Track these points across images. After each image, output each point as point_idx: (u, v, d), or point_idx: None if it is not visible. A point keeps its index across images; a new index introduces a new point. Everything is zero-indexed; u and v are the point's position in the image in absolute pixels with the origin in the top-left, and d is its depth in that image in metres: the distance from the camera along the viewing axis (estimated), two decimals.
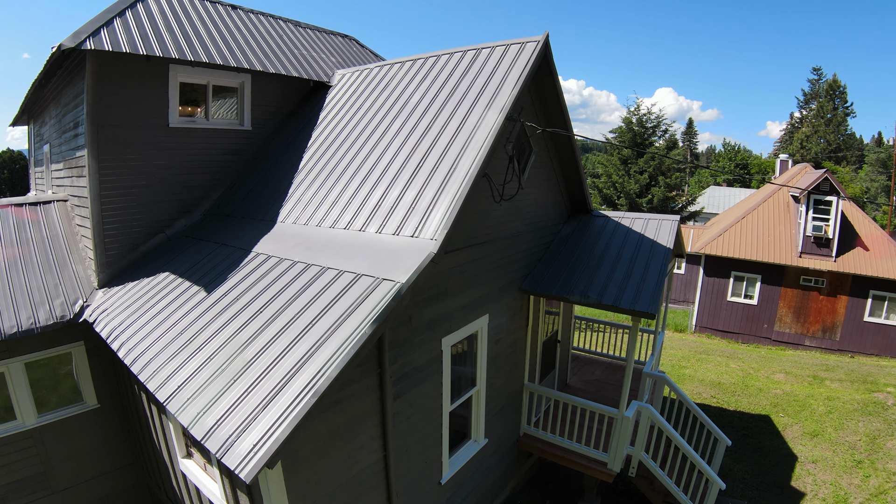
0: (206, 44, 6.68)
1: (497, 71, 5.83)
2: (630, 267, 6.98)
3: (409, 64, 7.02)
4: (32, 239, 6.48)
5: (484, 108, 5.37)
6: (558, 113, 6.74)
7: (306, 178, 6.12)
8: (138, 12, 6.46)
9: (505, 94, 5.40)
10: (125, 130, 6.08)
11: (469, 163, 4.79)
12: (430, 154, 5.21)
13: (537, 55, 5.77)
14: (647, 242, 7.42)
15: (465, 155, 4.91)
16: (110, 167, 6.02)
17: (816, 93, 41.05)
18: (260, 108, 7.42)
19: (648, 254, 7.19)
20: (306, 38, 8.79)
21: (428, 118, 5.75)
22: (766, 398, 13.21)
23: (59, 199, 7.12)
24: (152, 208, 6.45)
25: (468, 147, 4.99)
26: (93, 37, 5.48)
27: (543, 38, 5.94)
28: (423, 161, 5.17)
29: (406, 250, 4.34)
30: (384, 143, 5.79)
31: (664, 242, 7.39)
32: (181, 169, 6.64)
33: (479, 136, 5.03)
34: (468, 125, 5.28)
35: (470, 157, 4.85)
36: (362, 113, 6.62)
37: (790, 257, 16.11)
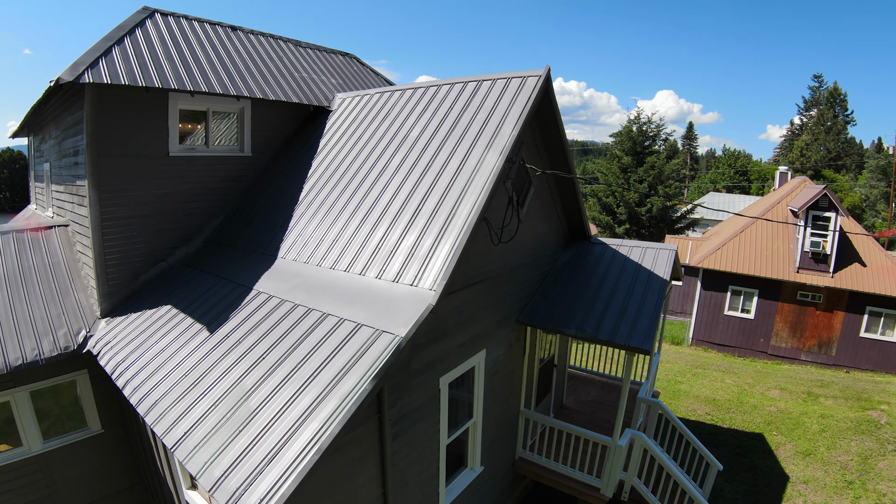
0: (206, 71, 6.73)
1: (497, 107, 5.89)
2: (626, 299, 7.07)
3: (410, 93, 7.08)
4: (35, 266, 6.57)
5: (484, 149, 5.44)
6: (559, 147, 6.80)
7: (306, 211, 6.20)
8: (137, 39, 6.46)
9: (505, 134, 5.47)
10: (125, 160, 6.13)
11: (469, 208, 4.87)
12: (430, 195, 5.28)
13: (538, 91, 5.83)
14: (644, 273, 7.51)
15: (465, 200, 4.98)
16: (111, 198, 6.08)
17: (817, 100, 41.00)
18: (260, 134, 7.47)
19: (645, 285, 7.28)
20: (306, 58, 8.84)
21: (428, 155, 5.82)
22: (761, 415, 13.34)
23: (60, 224, 7.19)
24: (154, 237, 6.53)
25: (468, 191, 5.07)
26: (91, 69, 5.49)
27: (544, 74, 5.99)
28: (423, 203, 5.25)
29: (405, 300, 4.43)
30: (384, 179, 5.87)
31: (661, 273, 7.48)
32: (182, 197, 6.72)
33: (479, 180, 5.11)
34: (468, 166, 5.36)
35: (469, 202, 4.93)
36: (362, 143, 6.69)
37: (788, 273, 16.21)
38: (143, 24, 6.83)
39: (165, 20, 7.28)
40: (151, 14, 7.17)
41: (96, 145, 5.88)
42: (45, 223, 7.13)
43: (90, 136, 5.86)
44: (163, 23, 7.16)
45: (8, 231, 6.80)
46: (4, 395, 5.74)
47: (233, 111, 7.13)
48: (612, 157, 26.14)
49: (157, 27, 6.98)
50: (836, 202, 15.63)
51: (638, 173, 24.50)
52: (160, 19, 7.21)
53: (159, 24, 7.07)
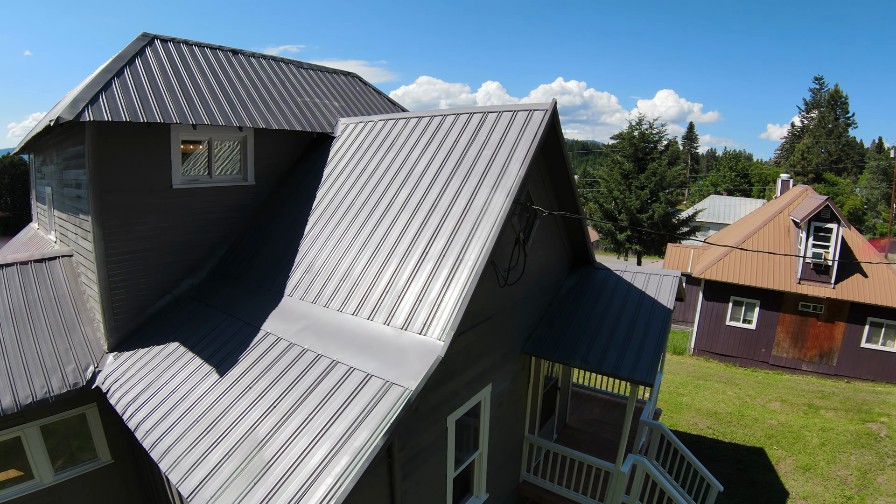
0: (208, 101, 6.69)
1: (504, 143, 5.90)
2: (630, 328, 7.13)
3: (414, 122, 7.08)
4: (41, 299, 6.60)
5: (491, 189, 5.46)
6: (564, 180, 6.83)
7: (312, 246, 6.22)
8: (137, 70, 6.39)
9: (512, 173, 5.49)
10: (128, 195, 6.13)
11: (476, 254, 4.90)
12: (437, 237, 5.31)
13: (545, 127, 5.84)
14: (648, 302, 7.55)
15: (473, 244, 5.02)
16: (115, 233, 6.08)
17: (818, 102, 40.89)
18: (263, 161, 7.46)
19: (649, 314, 7.33)
20: (309, 81, 8.82)
21: (435, 191, 5.85)
22: (762, 429, 13.43)
23: (63, 255, 7.22)
24: (159, 270, 6.56)
25: (476, 235, 5.10)
26: (91, 105, 5.43)
27: (550, 108, 6.00)
28: (430, 244, 5.27)
29: (414, 349, 4.48)
30: (391, 216, 5.89)
31: (665, 301, 7.53)
32: (186, 229, 6.73)
33: (486, 223, 5.13)
34: (475, 207, 5.38)
35: (477, 247, 4.96)
36: (367, 175, 6.70)
37: (789, 284, 16.26)
38: (142, 53, 6.76)
39: (165, 47, 7.21)
40: (151, 41, 7.10)
41: (99, 181, 5.89)
42: (48, 253, 7.16)
43: (92, 173, 5.86)
44: (163, 50, 7.10)
45: (12, 263, 6.82)
46: (15, 430, 5.80)
47: (235, 139, 7.15)
48: (614, 162, 26.11)
49: (156, 55, 6.93)
50: (837, 213, 15.66)
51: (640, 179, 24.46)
52: (160, 46, 7.14)
53: (159, 52, 7.02)
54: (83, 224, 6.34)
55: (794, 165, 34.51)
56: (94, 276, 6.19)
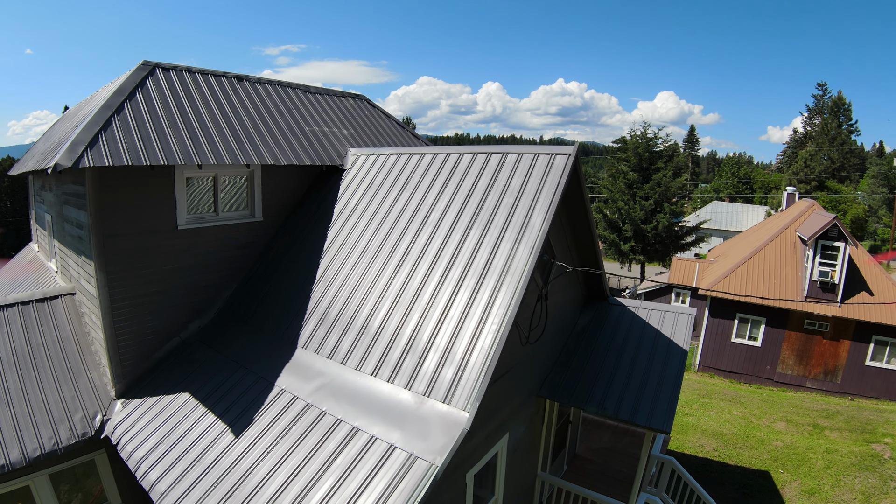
0: (213, 137, 6.39)
1: (525, 192, 5.75)
2: (646, 371, 7.04)
3: (429, 159, 6.90)
4: (44, 342, 6.42)
5: (514, 243, 5.31)
6: (583, 222, 6.69)
7: (325, 293, 6.04)
8: (138, 105, 6.08)
9: (535, 226, 5.34)
10: (133, 239, 5.92)
11: (500, 318, 4.76)
12: (459, 292, 5.17)
13: (567, 175, 5.70)
14: (664, 342, 7.45)
15: (497, 305, 4.87)
16: (120, 278, 5.87)
17: (821, 109, 40.75)
18: (271, 196, 7.23)
19: (665, 356, 7.24)
20: (316, 107, 8.59)
21: (455, 240, 5.69)
22: (767, 451, 13.41)
23: (65, 293, 7.02)
24: (166, 314, 6.37)
25: (500, 295, 4.95)
26: (90, 148, 5.16)
27: (573, 152, 5.85)
28: (451, 303, 5.13)
29: (438, 421, 4.34)
30: (409, 264, 5.73)
31: (680, 342, 7.44)
32: (193, 270, 6.51)
33: (510, 283, 4.99)
34: (498, 262, 5.23)
35: (501, 310, 4.82)
36: (382, 216, 6.51)
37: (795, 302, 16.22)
38: (143, 85, 6.44)
39: (167, 76, 6.89)
40: (152, 70, 6.78)
41: (101, 225, 5.67)
42: (50, 292, 6.97)
43: (94, 217, 5.64)
44: (164, 80, 6.78)
45: (13, 304, 6.63)
46: (24, 480, 5.66)
47: (242, 175, 6.96)
48: (618, 172, 25.94)
49: (158, 86, 6.62)
50: (845, 232, 15.59)
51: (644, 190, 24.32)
52: (161, 76, 6.82)
53: (161, 83, 6.70)
54: (86, 267, 6.16)
55: (797, 173, 34.45)
56: (98, 321, 6.02)
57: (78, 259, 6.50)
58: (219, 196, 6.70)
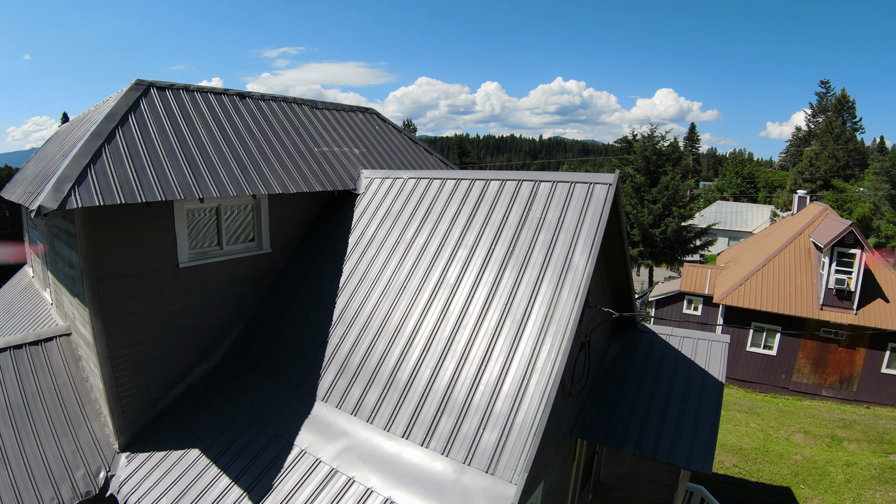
0: (216, 166, 5.81)
1: (563, 227, 5.26)
2: (683, 407, 6.66)
3: (452, 185, 6.40)
4: (40, 392, 5.89)
5: (555, 287, 4.83)
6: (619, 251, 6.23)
7: (346, 335, 5.53)
8: (131, 131, 5.48)
9: (578, 269, 4.86)
10: (130, 281, 5.38)
11: (546, 378, 4.29)
12: (496, 346, 4.68)
13: (609, 207, 5.24)
14: (698, 374, 7.05)
15: (540, 364, 4.39)
16: (118, 325, 5.35)
17: (824, 106, 40.47)
18: (279, 226, 6.69)
19: (700, 389, 6.87)
20: (325, 125, 8.01)
21: (487, 283, 5.19)
22: (787, 465, 13.12)
23: (60, 334, 6.47)
24: (169, 358, 5.84)
25: (542, 350, 4.48)
26: (78, 186, 4.60)
27: (614, 181, 5.39)
28: (488, 356, 4.65)
29: (481, 495, 3.88)
30: (437, 308, 5.22)
31: (716, 373, 7.06)
32: (197, 310, 5.98)
33: (555, 336, 4.51)
34: (539, 310, 4.74)
35: (545, 369, 4.33)
36: (403, 249, 5.99)
37: (811, 310, 15.91)
38: (136, 108, 5.84)
39: (162, 96, 6.27)
40: (146, 90, 6.16)
41: (94, 269, 5.13)
42: (44, 334, 6.41)
43: (86, 260, 5.10)
44: (160, 101, 6.17)
45: (5, 348, 6.08)
46: None
47: (248, 204, 6.42)
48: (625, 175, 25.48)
49: (153, 108, 6.00)
50: (861, 238, 15.25)
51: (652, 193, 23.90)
52: (156, 96, 6.20)
53: (156, 105, 6.08)
54: (80, 310, 5.62)
55: (801, 172, 34.17)
56: (97, 369, 5.51)
57: (72, 299, 5.97)
58: (223, 227, 6.17)
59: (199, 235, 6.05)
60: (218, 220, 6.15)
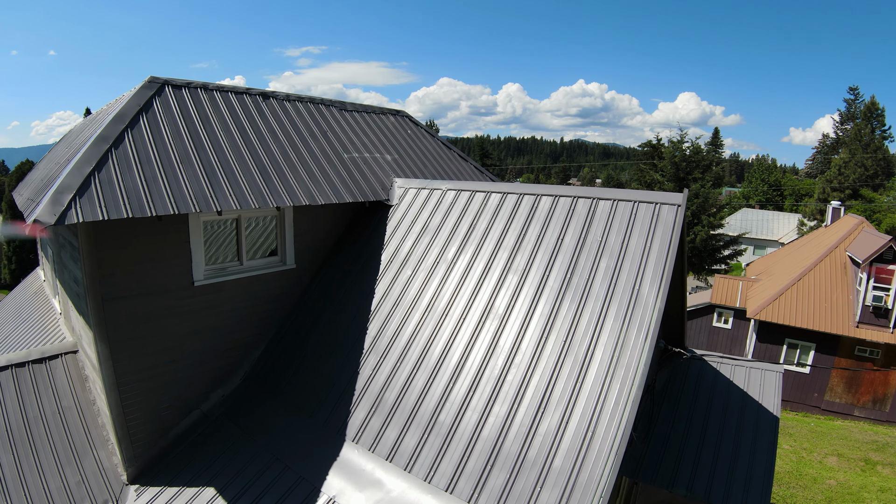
0: (236, 174, 5.26)
1: (627, 252, 4.67)
2: (736, 444, 6.14)
3: (497, 199, 5.82)
4: (43, 415, 5.41)
5: (621, 324, 4.24)
6: (678, 276, 5.63)
7: (380, 366, 4.99)
8: (142, 134, 4.95)
9: (648, 303, 4.28)
10: (140, 301, 4.87)
11: (613, 433, 3.72)
12: (553, 389, 4.11)
13: (678, 231, 4.66)
14: (752, 407, 6.51)
15: (605, 415, 3.83)
16: (126, 349, 4.86)
17: (853, 114, 39.24)
18: (305, 238, 6.15)
19: (755, 423, 6.34)
20: (354, 128, 7.44)
21: (542, 314, 4.60)
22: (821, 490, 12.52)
23: (66, 351, 5.98)
24: (183, 384, 5.33)
25: (607, 397, 3.90)
26: (80, 197, 4.08)
27: (682, 202, 4.83)
28: (545, 400, 4.08)
29: None
30: (486, 340, 4.66)
31: (770, 406, 6.53)
32: (213, 332, 5.47)
33: (623, 383, 3.94)
34: (602, 349, 4.17)
35: (613, 421, 3.77)
36: (445, 269, 5.41)
37: (846, 327, 15.19)
38: (148, 108, 5.30)
39: (178, 95, 5.73)
40: (160, 89, 5.61)
41: (99, 288, 4.62)
42: (49, 351, 5.94)
43: (90, 279, 4.59)
44: (175, 100, 5.62)
45: (7, 366, 5.61)
46: None
47: (271, 215, 5.88)
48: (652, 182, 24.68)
49: (168, 109, 5.46)
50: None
51: None
52: (171, 95, 5.65)
53: (171, 104, 5.54)
54: (85, 331, 5.14)
55: (830, 181, 33.11)
56: (103, 395, 5.03)
57: (78, 318, 5.49)
58: (243, 241, 5.64)
59: (216, 250, 5.53)
60: (238, 232, 5.63)
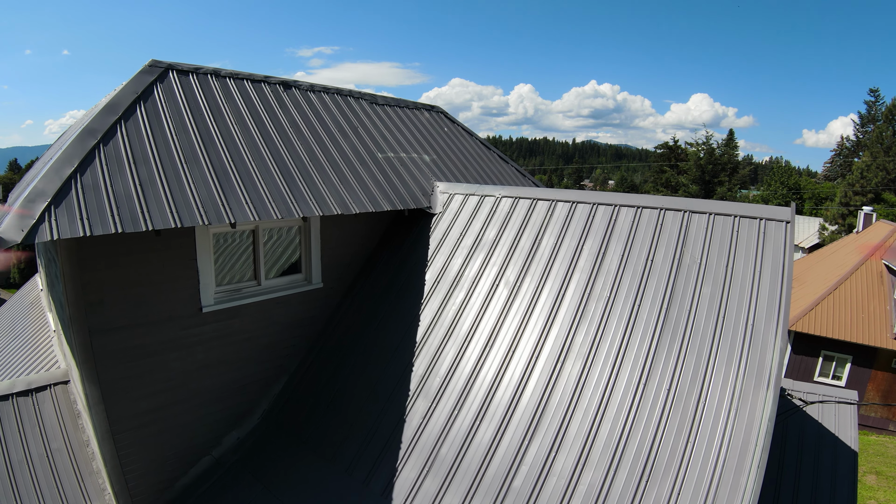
0: (254, 177, 4.36)
1: (732, 277, 3.84)
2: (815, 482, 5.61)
3: (566, 210, 4.88)
4: (28, 459, 4.52)
5: (735, 376, 3.43)
6: None
7: (429, 415, 4.11)
8: (137, 129, 4.03)
9: (765, 343, 3.47)
10: (135, 333, 4.03)
11: None
12: (657, 456, 3.30)
13: (791, 251, 3.86)
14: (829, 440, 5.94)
15: (724, 493, 3.02)
16: (121, 391, 4.03)
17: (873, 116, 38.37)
18: (334, 252, 5.29)
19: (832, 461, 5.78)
20: (387, 124, 6.52)
21: (635, 359, 3.77)
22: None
23: (56, 382, 5.10)
24: (190, 429, 4.49)
25: (724, 472, 3.10)
26: (56, 206, 3.21)
27: (791, 217, 4.03)
28: (648, 474, 3.26)
29: None
30: (562, 392, 3.84)
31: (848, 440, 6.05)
32: (226, 366, 4.63)
33: (743, 451, 3.14)
34: (712, 407, 3.35)
35: None
36: (507, 296, 4.53)
37: (884, 339, 14.44)
38: (148, 96, 4.39)
39: (184, 81, 4.81)
40: (163, 74, 4.70)
41: (86, 319, 3.77)
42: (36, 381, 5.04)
43: (74, 308, 3.75)
44: (180, 88, 4.71)
45: None
46: None
47: (294, 226, 5.01)
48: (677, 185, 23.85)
49: (171, 97, 4.54)
50: None
51: None
52: (176, 82, 4.73)
53: (175, 92, 4.62)
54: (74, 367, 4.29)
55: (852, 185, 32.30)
56: (95, 443, 4.19)
57: (67, 350, 4.63)
58: (261, 257, 4.76)
59: (229, 267, 4.66)
60: (255, 246, 4.75)
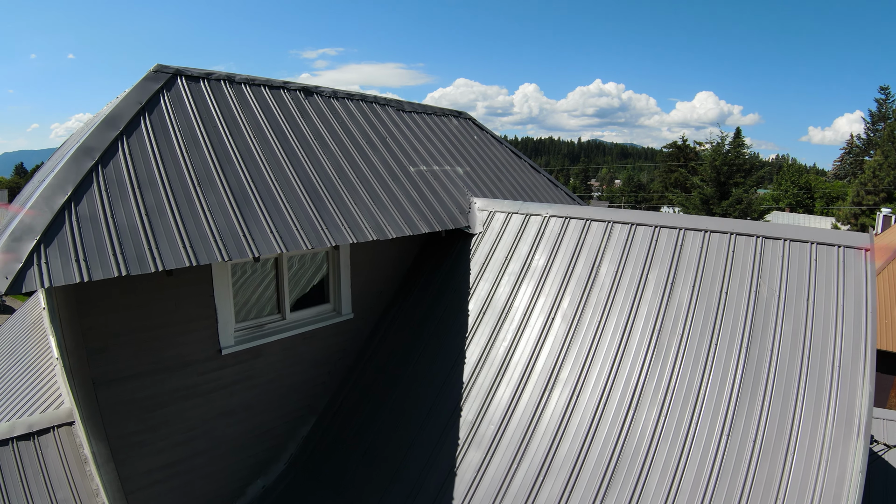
0: (279, 200, 3.84)
1: (813, 312, 3.43)
2: None
3: (624, 232, 4.33)
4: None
5: (824, 417, 2.95)
6: None
7: (485, 469, 3.57)
8: (142, 145, 3.54)
9: (853, 386, 3.01)
10: (147, 382, 3.56)
11: None
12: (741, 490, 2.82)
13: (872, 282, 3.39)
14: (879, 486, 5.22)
15: None
16: (132, 447, 3.57)
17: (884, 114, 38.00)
18: (364, 279, 4.79)
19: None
20: (417, 133, 5.94)
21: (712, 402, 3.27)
22: None
23: (60, 424, 4.60)
24: (210, 481, 4.01)
25: None
26: (45, 245, 2.70)
27: (871, 244, 3.56)
28: None
29: None
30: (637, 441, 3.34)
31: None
32: (249, 412, 4.16)
33: None
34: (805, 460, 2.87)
35: None
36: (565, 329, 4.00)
37: None
38: (154, 107, 3.90)
39: (195, 89, 4.32)
40: (170, 81, 4.21)
41: (87, 368, 3.30)
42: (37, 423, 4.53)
43: (74, 357, 3.30)
44: (190, 96, 4.21)
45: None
46: None
47: (320, 251, 4.51)
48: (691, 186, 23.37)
49: (181, 107, 4.05)
50: None
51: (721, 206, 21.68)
52: (185, 89, 4.24)
53: (185, 101, 4.13)
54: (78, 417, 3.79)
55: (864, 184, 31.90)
56: (106, 500, 3.69)
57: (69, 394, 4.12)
58: (285, 288, 4.25)
59: (249, 301, 4.16)
60: (278, 276, 4.26)
